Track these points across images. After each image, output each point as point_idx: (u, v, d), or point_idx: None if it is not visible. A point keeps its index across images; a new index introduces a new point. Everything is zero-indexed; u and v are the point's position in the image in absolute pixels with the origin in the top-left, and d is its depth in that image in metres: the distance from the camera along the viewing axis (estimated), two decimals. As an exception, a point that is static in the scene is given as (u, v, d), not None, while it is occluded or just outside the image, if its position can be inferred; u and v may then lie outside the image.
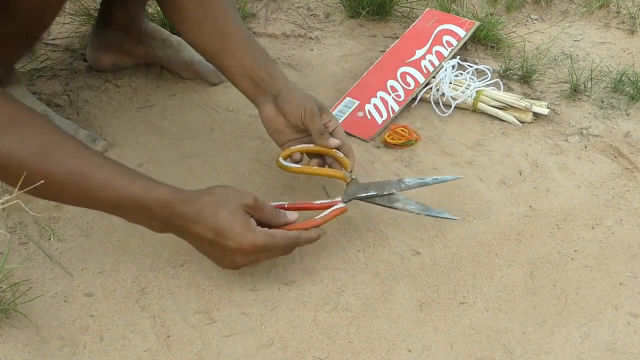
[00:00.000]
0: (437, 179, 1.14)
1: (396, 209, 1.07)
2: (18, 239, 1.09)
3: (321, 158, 1.14)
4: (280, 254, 1.01)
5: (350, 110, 1.36)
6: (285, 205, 1.04)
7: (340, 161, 1.12)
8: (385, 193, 1.08)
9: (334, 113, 1.36)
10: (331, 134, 1.13)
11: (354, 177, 1.11)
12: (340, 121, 1.34)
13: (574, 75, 1.46)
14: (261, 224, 0.98)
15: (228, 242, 0.95)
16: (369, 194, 1.08)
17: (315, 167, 1.12)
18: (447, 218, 1.08)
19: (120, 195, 0.93)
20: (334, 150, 1.12)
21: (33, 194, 0.93)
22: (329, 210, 1.03)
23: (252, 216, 0.97)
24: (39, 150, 0.90)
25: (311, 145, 1.13)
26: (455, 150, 1.31)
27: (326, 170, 1.12)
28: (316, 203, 1.06)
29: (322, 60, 1.53)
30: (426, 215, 1.07)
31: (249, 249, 0.96)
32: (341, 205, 1.05)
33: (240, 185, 1.21)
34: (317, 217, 1.02)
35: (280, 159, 1.12)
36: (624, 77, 1.47)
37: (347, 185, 1.10)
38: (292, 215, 1.02)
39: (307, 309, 1.02)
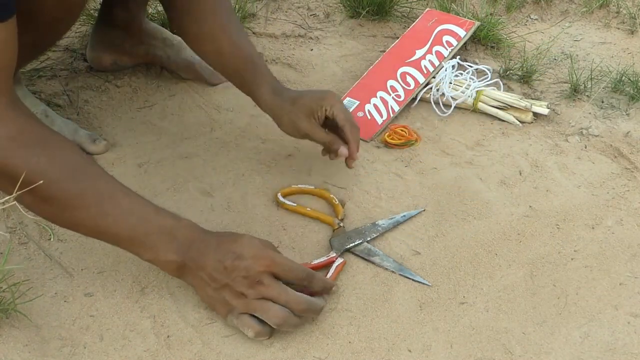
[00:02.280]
0: (404, 215, 1.16)
1: (374, 263, 1.09)
2: (18, 239, 1.09)
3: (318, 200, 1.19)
4: (294, 280, 0.95)
5: (350, 111, 1.36)
6: None
7: (334, 208, 1.16)
8: (369, 239, 1.12)
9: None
10: (334, 119, 1.14)
11: (342, 225, 1.13)
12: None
13: (574, 75, 1.46)
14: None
15: (245, 260, 0.92)
16: (355, 243, 1.11)
17: (309, 209, 1.16)
18: (419, 282, 1.06)
19: (149, 222, 0.92)
20: (331, 196, 1.17)
21: (51, 217, 0.94)
22: (333, 268, 1.06)
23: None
24: (70, 172, 0.90)
25: (311, 186, 1.19)
26: (455, 150, 1.31)
27: (317, 214, 1.15)
28: (315, 263, 1.07)
29: (322, 60, 1.53)
30: (400, 274, 1.07)
31: (266, 263, 0.92)
32: (340, 260, 1.07)
33: (241, 185, 1.21)
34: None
35: (279, 196, 1.17)
36: (624, 77, 1.47)
37: (333, 231, 1.13)
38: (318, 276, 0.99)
39: (307, 309, 1.02)
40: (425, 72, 1.43)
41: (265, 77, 1.18)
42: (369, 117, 1.36)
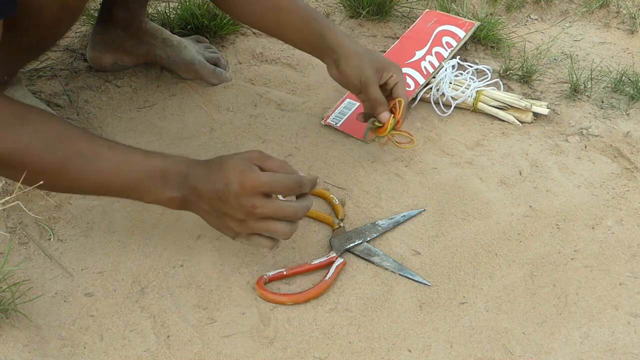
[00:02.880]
0: (404, 215, 1.16)
1: (374, 263, 1.09)
2: (18, 239, 1.09)
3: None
4: (286, 192, 0.97)
5: (350, 112, 1.36)
6: (284, 272, 1.05)
7: (335, 208, 1.16)
8: (369, 239, 1.12)
9: (334, 115, 1.36)
10: (392, 90, 1.19)
11: (342, 225, 1.13)
12: (340, 123, 1.34)
13: (574, 75, 1.46)
14: None
15: (232, 187, 0.93)
16: (355, 243, 1.11)
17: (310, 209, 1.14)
18: (419, 282, 1.06)
19: (138, 168, 0.94)
20: (330, 196, 1.18)
21: (51, 188, 0.95)
22: (333, 268, 1.05)
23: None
24: (52, 142, 0.91)
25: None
26: (455, 150, 1.31)
27: (317, 214, 1.15)
28: (314, 263, 1.07)
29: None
30: (400, 274, 1.07)
31: (252, 186, 0.93)
32: (340, 260, 1.07)
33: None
34: (326, 278, 1.04)
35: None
36: (624, 77, 1.47)
37: (333, 231, 1.13)
38: (301, 173, 1.00)
39: (307, 309, 1.02)
40: (425, 73, 1.43)
41: (334, 25, 1.23)
42: (369, 117, 1.36)
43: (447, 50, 1.48)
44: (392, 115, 1.20)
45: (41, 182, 0.91)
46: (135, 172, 0.94)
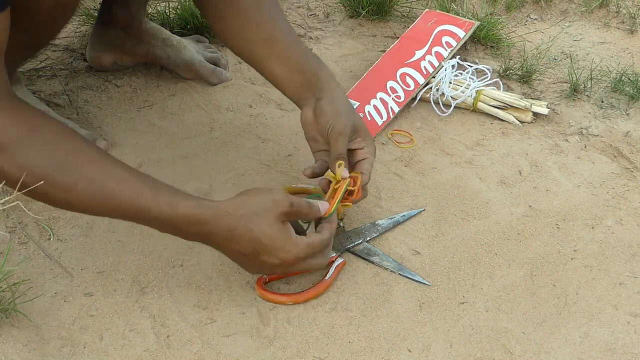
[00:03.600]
0: (404, 215, 1.16)
1: (374, 263, 1.08)
2: (18, 239, 1.09)
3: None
4: (317, 265, 0.99)
5: (350, 111, 1.36)
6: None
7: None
8: (369, 239, 1.11)
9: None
10: (357, 163, 1.08)
11: (342, 225, 1.12)
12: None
13: (574, 75, 1.46)
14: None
15: (270, 259, 0.94)
16: (355, 243, 1.11)
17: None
18: (419, 282, 1.06)
19: (146, 214, 0.90)
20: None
21: (55, 205, 0.93)
22: (333, 268, 1.05)
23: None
24: (60, 165, 0.88)
25: (311, 186, 1.11)
26: (455, 150, 1.31)
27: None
28: None
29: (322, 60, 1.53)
30: (400, 274, 1.07)
31: (292, 262, 0.95)
32: (340, 260, 1.07)
33: (241, 185, 1.21)
34: (326, 278, 1.04)
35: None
36: (624, 77, 1.47)
37: None
38: (323, 207, 1.00)
39: (307, 309, 1.02)
40: (425, 73, 1.43)
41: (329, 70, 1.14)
42: (369, 119, 1.36)
43: (447, 50, 1.48)
44: (349, 179, 1.05)
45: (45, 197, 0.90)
46: (145, 214, 0.91)
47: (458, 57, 1.49)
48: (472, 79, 1.43)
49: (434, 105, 1.40)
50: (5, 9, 0.85)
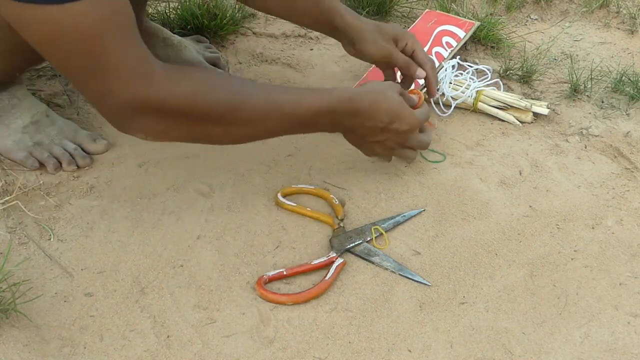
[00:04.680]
0: (404, 215, 1.17)
1: (374, 263, 1.09)
2: (18, 239, 1.09)
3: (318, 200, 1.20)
4: (424, 142, 1.20)
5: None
6: (284, 272, 1.05)
7: (334, 208, 1.16)
8: (369, 239, 1.12)
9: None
10: (412, 56, 1.27)
11: (342, 225, 1.13)
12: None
13: (574, 75, 1.46)
14: None
15: (401, 125, 1.12)
16: (355, 243, 1.11)
17: (308, 209, 1.15)
18: (419, 282, 1.07)
19: (310, 107, 1.05)
20: (330, 196, 1.18)
21: (241, 135, 1.05)
22: (333, 268, 1.05)
23: None
24: (242, 92, 1.00)
25: (311, 186, 1.20)
26: (455, 150, 1.31)
27: (318, 214, 1.15)
28: (314, 263, 1.07)
29: (322, 60, 1.53)
30: (400, 274, 1.07)
31: (415, 126, 1.14)
32: (340, 260, 1.07)
33: (241, 185, 1.21)
34: (326, 278, 1.04)
35: (279, 196, 1.17)
36: (624, 77, 1.47)
37: (333, 231, 1.13)
38: (416, 97, 1.18)
39: (307, 309, 1.02)
40: (425, 72, 1.43)
41: (342, 5, 1.27)
42: (369, 117, 1.36)
43: (447, 50, 1.48)
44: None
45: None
46: (309, 112, 1.05)
47: (458, 57, 1.49)
48: (472, 79, 1.43)
49: (434, 105, 1.40)
50: None
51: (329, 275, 1.04)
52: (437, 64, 1.44)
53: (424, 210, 1.18)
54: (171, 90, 0.94)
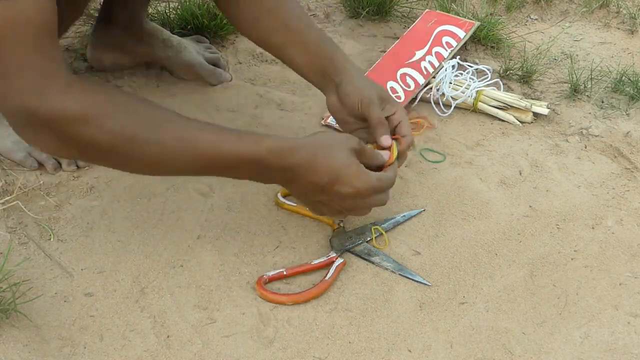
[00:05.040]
0: (404, 215, 1.16)
1: (374, 263, 1.09)
2: (18, 239, 1.09)
3: None
4: (381, 201, 1.04)
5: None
6: (284, 272, 1.05)
7: None
8: (369, 239, 1.12)
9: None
10: (396, 127, 1.11)
11: (342, 225, 1.13)
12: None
13: (574, 75, 1.46)
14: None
15: (344, 188, 0.97)
16: (355, 243, 1.11)
17: (308, 209, 1.12)
18: (419, 282, 1.06)
19: (232, 153, 0.94)
20: None
21: (144, 168, 0.95)
22: (333, 268, 1.05)
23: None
24: (146, 123, 0.91)
25: None
26: (455, 150, 1.31)
27: (317, 215, 1.13)
28: (314, 263, 1.07)
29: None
30: (400, 274, 1.07)
31: (365, 192, 0.98)
32: (340, 260, 1.07)
33: (241, 185, 1.20)
34: (326, 278, 1.04)
35: (279, 196, 1.16)
36: (624, 77, 1.47)
37: (333, 231, 1.13)
38: (386, 155, 1.06)
39: (307, 309, 1.02)
40: (425, 73, 1.43)
41: (343, 52, 1.17)
42: (369, 117, 1.36)
43: (447, 50, 1.48)
44: (396, 140, 1.09)
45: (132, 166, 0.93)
46: (231, 158, 0.94)
47: (458, 57, 1.49)
48: (472, 79, 1.43)
49: (434, 105, 1.40)
50: None
51: (329, 275, 1.04)
52: (437, 64, 1.45)
53: (424, 210, 1.18)
54: (63, 109, 0.86)
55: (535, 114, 1.39)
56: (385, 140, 1.08)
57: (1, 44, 0.83)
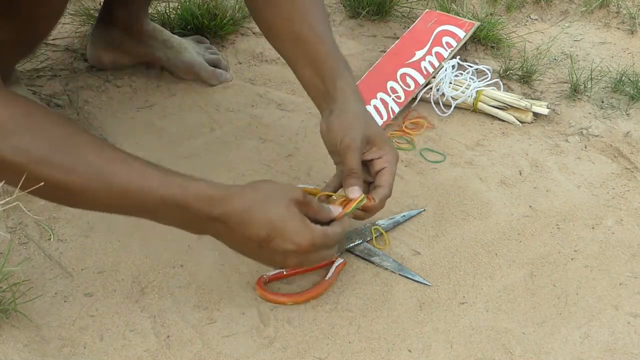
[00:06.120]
0: (404, 215, 1.16)
1: (374, 263, 1.08)
2: (18, 239, 1.09)
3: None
4: (328, 255, 0.94)
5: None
6: (284, 272, 1.05)
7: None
8: (369, 239, 1.12)
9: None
10: (377, 174, 1.01)
11: None
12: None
13: (574, 75, 1.46)
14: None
15: (284, 244, 0.87)
16: (355, 243, 1.11)
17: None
18: (419, 282, 1.06)
19: (154, 196, 0.83)
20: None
21: (53, 195, 0.86)
22: (333, 268, 1.05)
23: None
24: (58, 147, 0.81)
25: (311, 186, 1.06)
26: (455, 150, 1.31)
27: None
28: None
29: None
30: (400, 274, 1.07)
31: (307, 248, 0.88)
32: (340, 260, 1.07)
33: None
34: (326, 278, 1.04)
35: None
36: (624, 77, 1.47)
37: None
38: (336, 210, 0.95)
39: (307, 309, 1.02)
40: (425, 73, 1.43)
41: (351, 78, 1.07)
42: (369, 117, 1.36)
43: (447, 50, 1.48)
44: (364, 196, 0.99)
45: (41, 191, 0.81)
46: (151, 200, 0.83)
47: (458, 57, 1.49)
48: (472, 79, 1.43)
49: (434, 105, 1.40)
50: None
51: (329, 275, 1.04)
52: (437, 64, 1.45)
53: (424, 210, 1.18)
54: None
55: (535, 114, 1.39)
56: (352, 192, 0.98)
57: None
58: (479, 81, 1.43)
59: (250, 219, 0.86)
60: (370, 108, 1.37)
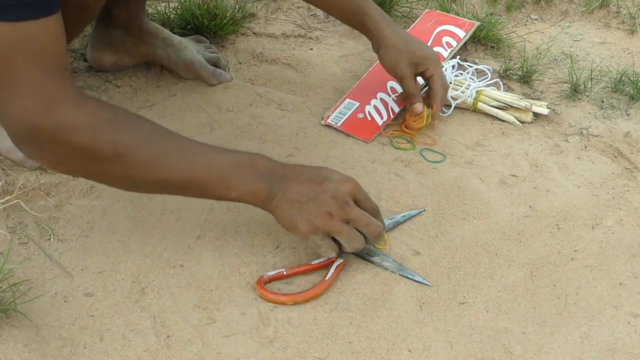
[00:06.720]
0: (404, 215, 1.16)
1: (374, 263, 1.08)
2: (18, 239, 1.09)
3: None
4: (372, 222, 1.02)
5: (350, 112, 1.36)
6: (284, 272, 1.05)
7: None
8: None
9: (334, 115, 1.36)
10: (429, 80, 1.30)
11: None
12: (340, 123, 1.34)
13: (574, 75, 1.46)
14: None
15: (333, 184, 1.00)
16: None
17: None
18: (419, 282, 1.06)
19: (228, 161, 0.98)
20: None
21: (139, 186, 0.99)
22: (333, 268, 1.05)
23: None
24: (146, 135, 0.96)
25: None
26: (455, 150, 1.31)
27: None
28: (314, 263, 1.07)
29: (322, 60, 1.53)
30: (400, 274, 1.07)
31: (353, 186, 1.01)
32: (340, 260, 1.07)
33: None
34: (326, 278, 1.04)
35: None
36: (624, 77, 1.47)
37: None
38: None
39: (307, 309, 1.02)
40: (425, 72, 1.43)
41: (376, 9, 1.30)
42: (369, 119, 1.36)
43: (447, 50, 1.48)
44: (427, 107, 1.30)
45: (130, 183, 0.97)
46: (227, 164, 0.98)
47: (458, 57, 1.49)
48: (472, 79, 1.43)
49: (434, 105, 1.40)
50: (55, 11, 0.87)
51: (329, 275, 1.04)
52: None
53: (424, 210, 1.18)
54: (73, 122, 0.89)
55: (535, 114, 1.39)
56: (416, 108, 1.30)
57: (9, 63, 0.85)
58: (479, 81, 1.43)
59: (305, 168, 1.03)
60: (370, 108, 1.38)
